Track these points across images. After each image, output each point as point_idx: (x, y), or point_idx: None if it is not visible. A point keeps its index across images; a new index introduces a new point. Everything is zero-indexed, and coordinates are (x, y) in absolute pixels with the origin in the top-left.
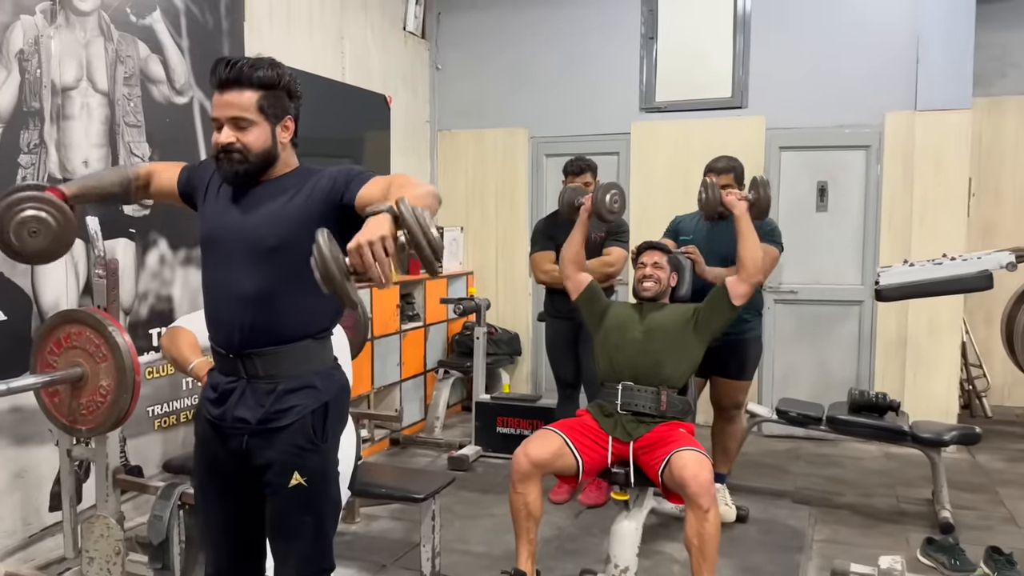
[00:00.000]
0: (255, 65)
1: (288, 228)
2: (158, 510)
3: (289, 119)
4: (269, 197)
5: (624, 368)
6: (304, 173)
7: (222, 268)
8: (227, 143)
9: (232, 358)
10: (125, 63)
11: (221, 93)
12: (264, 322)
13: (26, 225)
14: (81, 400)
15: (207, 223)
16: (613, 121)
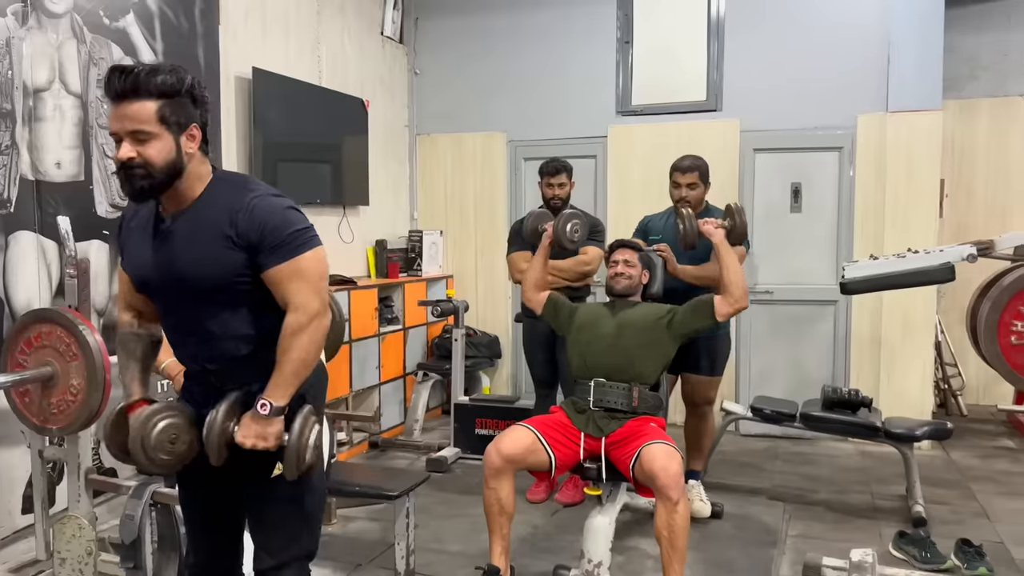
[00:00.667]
0: (153, 72)
1: (219, 272)
2: (130, 509)
3: (195, 127)
4: (191, 230)
5: (596, 365)
6: (224, 194)
7: (165, 306)
8: (127, 158)
9: (200, 371)
10: (98, 65)
11: (117, 105)
12: (218, 348)
13: (167, 434)
14: (52, 399)
15: (135, 266)
16: (590, 124)
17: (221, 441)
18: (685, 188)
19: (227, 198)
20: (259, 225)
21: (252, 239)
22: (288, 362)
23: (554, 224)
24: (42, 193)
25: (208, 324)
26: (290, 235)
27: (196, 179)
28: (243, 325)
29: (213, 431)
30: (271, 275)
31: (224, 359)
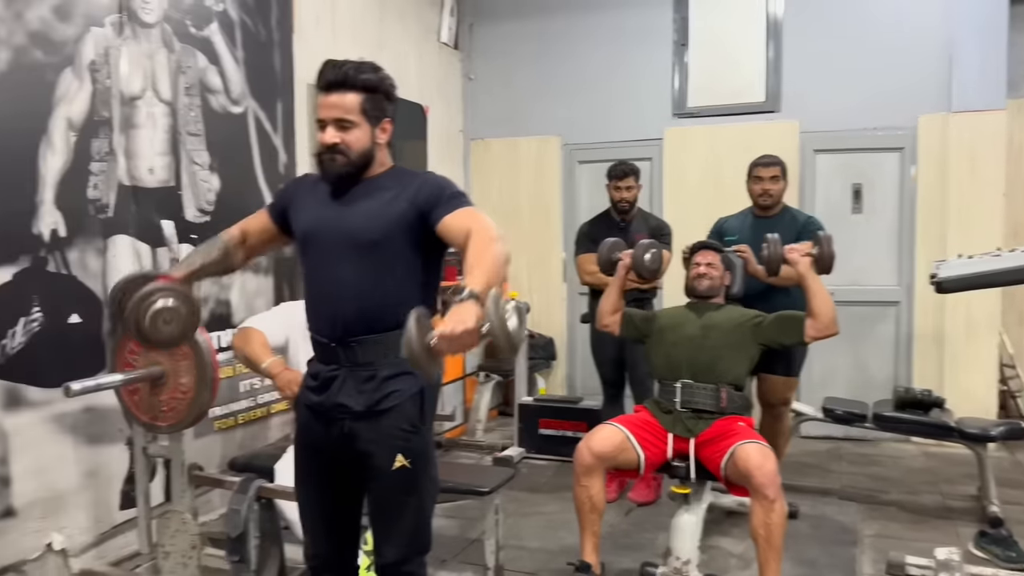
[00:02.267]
0: (359, 68)
1: (387, 226)
2: (235, 503)
3: (387, 121)
4: (367, 195)
5: (681, 365)
6: (401, 174)
7: (322, 261)
8: (332, 143)
9: (333, 347)
10: (186, 73)
11: (327, 94)
12: (362, 312)
13: (160, 315)
14: (161, 398)
15: (305, 221)
16: (646, 127)
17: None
18: (767, 181)
19: (402, 176)
20: (434, 187)
21: (429, 197)
22: (486, 256)
23: (633, 254)
24: (137, 198)
25: (359, 282)
26: (460, 192)
27: (380, 164)
28: (391, 289)
29: (413, 343)
30: (449, 219)
31: (363, 324)
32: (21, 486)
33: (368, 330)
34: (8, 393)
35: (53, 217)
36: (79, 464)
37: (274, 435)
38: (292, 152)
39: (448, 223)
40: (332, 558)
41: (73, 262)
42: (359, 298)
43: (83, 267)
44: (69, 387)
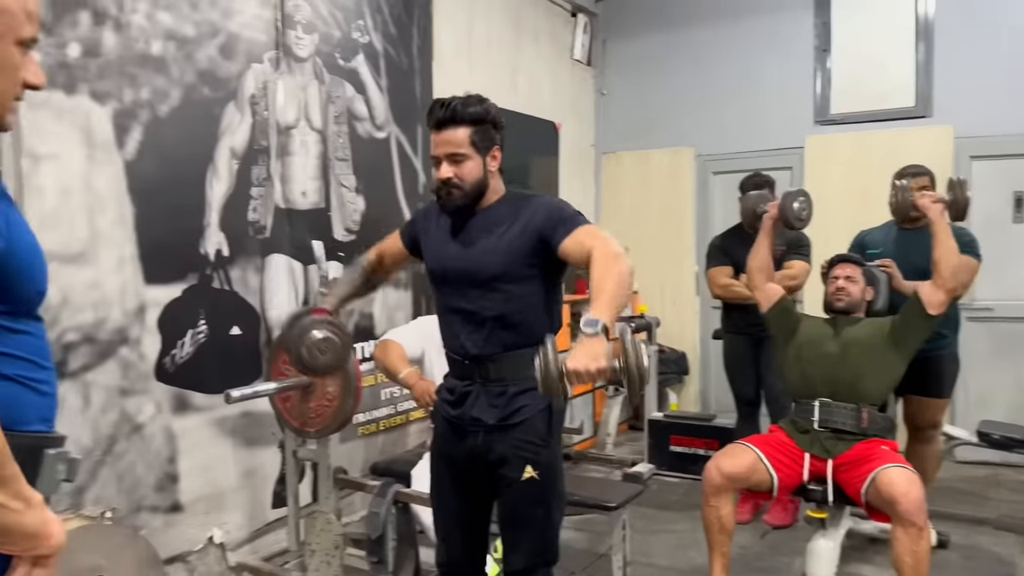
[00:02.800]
0: (466, 103)
1: (505, 259)
2: (375, 507)
3: (496, 149)
4: (485, 229)
5: (819, 384)
6: (514, 201)
7: (452, 294)
8: (447, 177)
9: (467, 363)
10: (335, 103)
11: (438, 132)
12: (492, 336)
13: (317, 346)
14: (310, 405)
15: (434, 258)
16: (785, 135)
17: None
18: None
19: (517, 203)
20: (549, 211)
21: (546, 221)
22: (610, 278)
23: (780, 201)
24: (291, 219)
25: (486, 311)
26: (577, 213)
27: (494, 192)
28: (517, 313)
29: (550, 369)
30: (568, 242)
31: (493, 346)
32: (187, 483)
33: (499, 349)
34: (177, 398)
35: (218, 238)
36: (237, 465)
37: (412, 441)
38: (431, 173)
39: (568, 245)
40: (462, 563)
41: (235, 279)
42: (487, 325)
43: (244, 283)
44: (229, 394)
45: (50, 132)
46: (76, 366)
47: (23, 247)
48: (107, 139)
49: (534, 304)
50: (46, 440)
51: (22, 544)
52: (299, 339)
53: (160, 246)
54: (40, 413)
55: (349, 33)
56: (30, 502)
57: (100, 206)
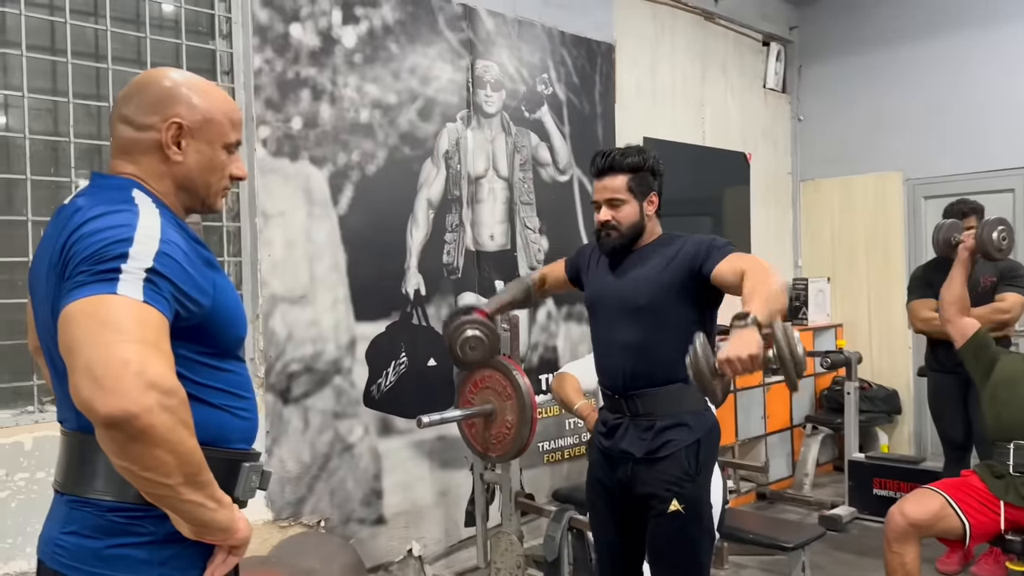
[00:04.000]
0: (624, 154)
1: (655, 290)
2: (551, 531)
3: (653, 195)
4: (639, 263)
5: (1016, 426)
6: (668, 240)
7: (606, 324)
8: (605, 220)
9: (617, 398)
10: (520, 152)
11: (599, 179)
12: (641, 367)
13: (468, 342)
14: (491, 431)
15: (591, 289)
16: (1007, 155)
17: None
18: None
19: (671, 241)
20: (700, 242)
21: (697, 251)
22: (765, 285)
23: (977, 231)
24: (480, 261)
25: (636, 342)
26: (728, 243)
27: (650, 234)
28: (666, 347)
29: (699, 362)
30: (722, 266)
31: (641, 378)
32: (390, 499)
33: (646, 384)
34: (382, 422)
35: (416, 279)
36: (433, 484)
37: None
38: None
39: (721, 269)
40: None
41: (431, 315)
42: (637, 356)
43: (438, 319)
44: (420, 419)
45: (278, 194)
46: (298, 393)
47: (228, 303)
48: (324, 197)
49: (683, 338)
50: (244, 456)
51: (218, 536)
52: (454, 335)
53: (368, 288)
54: (242, 435)
55: (534, 87)
56: (222, 502)
57: (319, 255)
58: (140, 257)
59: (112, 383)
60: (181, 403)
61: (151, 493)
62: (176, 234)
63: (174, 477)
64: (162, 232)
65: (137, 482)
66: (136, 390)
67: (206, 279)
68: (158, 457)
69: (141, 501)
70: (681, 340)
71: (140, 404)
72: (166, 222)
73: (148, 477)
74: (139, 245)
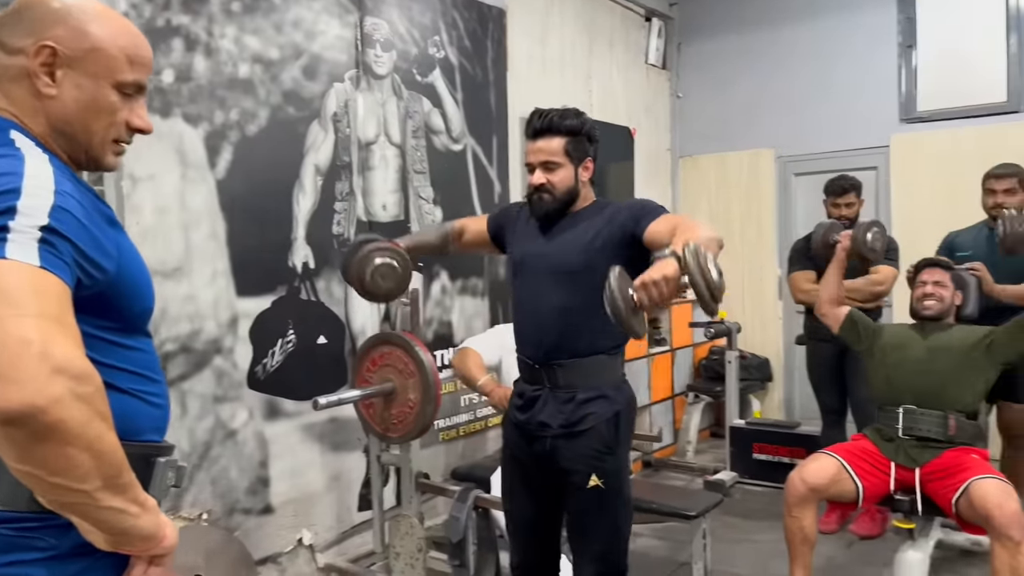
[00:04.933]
0: (563, 115)
1: (586, 254)
2: (456, 511)
3: (589, 161)
4: (571, 227)
5: (904, 390)
6: (601, 205)
7: (529, 287)
8: (539, 183)
9: (537, 368)
10: (413, 118)
11: (534, 141)
12: (564, 336)
13: (379, 270)
14: (392, 411)
15: (518, 249)
16: (869, 135)
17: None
18: (1001, 194)
19: (603, 207)
20: (634, 205)
21: (631, 214)
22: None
23: (853, 233)
24: (372, 232)
25: (561, 309)
26: (658, 205)
27: (583, 200)
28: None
29: (615, 295)
30: (655, 224)
31: (564, 348)
32: (278, 487)
33: (569, 354)
34: (268, 405)
35: (304, 251)
36: (325, 469)
37: (491, 447)
38: (506, 182)
39: (654, 227)
40: (535, 566)
41: (320, 290)
42: (561, 324)
43: (329, 294)
44: (317, 401)
45: (147, 154)
46: (174, 375)
47: (133, 269)
48: (200, 159)
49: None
50: (158, 449)
51: (140, 545)
52: (363, 262)
53: (251, 260)
54: (153, 424)
55: (426, 49)
56: (145, 506)
57: (194, 223)
58: (31, 212)
59: (9, 369)
60: (97, 391)
61: (60, 501)
62: (71, 184)
63: (91, 481)
64: (55, 182)
65: (43, 489)
66: (41, 377)
67: (109, 239)
68: (71, 458)
69: (38, 508)
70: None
71: (47, 394)
72: (57, 170)
73: (58, 483)
74: (29, 198)
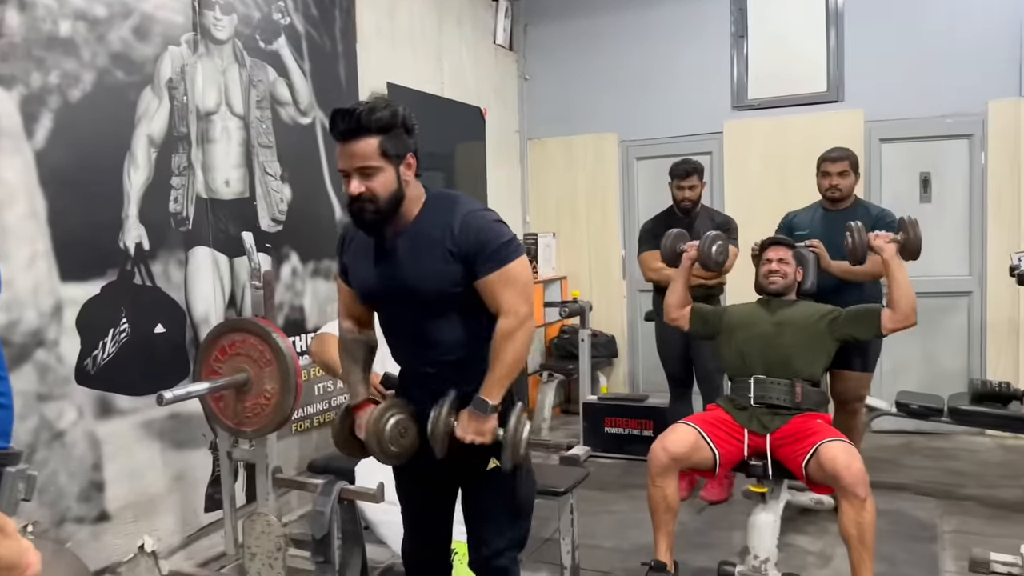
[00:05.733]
0: (372, 110)
1: (440, 281)
2: (319, 505)
3: (411, 156)
4: (412, 246)
5: (755, 362)
6: (439, 211)
7: (391, 317)
8: (358, 193)
9: (419, 375)
10: (257, 87)
11: (345, 144)
12: (439, 351)
13: (397, 430)
14: (246, 404)
15: (362, 282)
16: (704, 120)
17: (445, 435)
18: (836, 176)
19: (443, 216)
20: (475, 238)
21: (469, 251)
22: (501, 364)
23: (699, 245)
24: (214, 210)
25: (428, 331)
26: (501, 245)
27: (413, 201)
28: (458, 331)
29: (438, 427)
30: (485, 282)
31: (441, 363)
32: (114, 491)
33: (445, 366)
34: (100, 402)
35: (137, 231)
36: (166, 469)
37: None
38: None
39: (485, 286)
40: (427, 551)
41: (157, 274)
42: (431, 342)
43: (166, 278)
44: (162, 396)
45: None
46: None
47: None
48: (14, 127)
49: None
50: (5, 457)
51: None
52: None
53: (76, 241)
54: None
55: (269, 14)
56: (4, 530)
57: (9, 199)
58: None
59: None
60: None
61: None
62: None
63: None
64: None
65: None
66: None
67: None
68: None
69: None
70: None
71: None
72: None
73: None
74: None
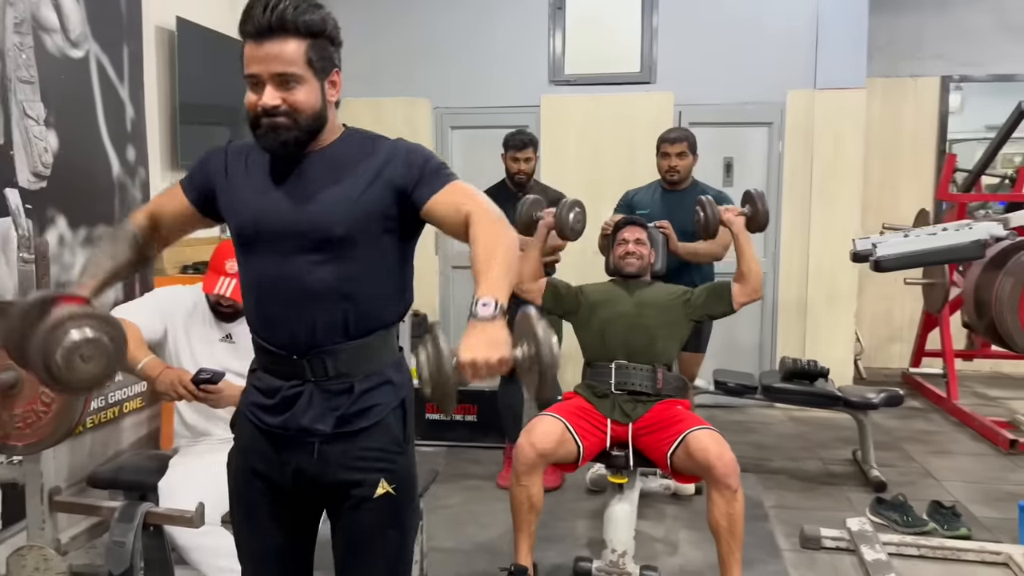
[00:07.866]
0: (299, 8)
1: (358, 216)
2: (118, 535)
3: (336, 72)
4: (326, 175)
5: (616, 346)
6: (361, 141)
7: (273, 261)
8: (273, 106)
9: (295, 359)
10: (15, 6)
11: (259, 42)
12: (334, 318)
13: (79, 351)
14: (15, 410)
15: (244, 212)
16: (521, 93)
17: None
18: (675, 157)
19: (365, 144)
20: (411, 159)
21: (407, 172)
22: (499, 250)
23: (556, 212)
24: None
25: (321, 286)
26: (441, 166)
27: (332, 131)
28: (366, 288)
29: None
30: (436, 200)
31: (334, 332)
32: None
33: (340, 338)
34: None
35: None
36: None
37: (127, 439)
38: (140, 107)
39: (437, 205)
40: None
41: None
42: (328, 303)
43: None
44: None
45: None
46: None
47: None
48: None
49: (384, 275)
50: None
51: None
52: (50, 342)
53: None
54: None
55: None
56: None
57: None
58: None
59: None
60: None
61: None
62: None
63: None
64: None
65: None
66: None
67: None
68: None
69: None
70: (383, 278)
71: None
72: None
73: None
74: None
